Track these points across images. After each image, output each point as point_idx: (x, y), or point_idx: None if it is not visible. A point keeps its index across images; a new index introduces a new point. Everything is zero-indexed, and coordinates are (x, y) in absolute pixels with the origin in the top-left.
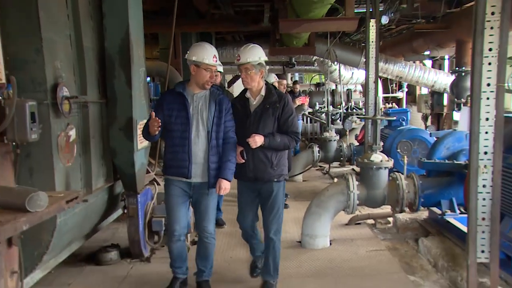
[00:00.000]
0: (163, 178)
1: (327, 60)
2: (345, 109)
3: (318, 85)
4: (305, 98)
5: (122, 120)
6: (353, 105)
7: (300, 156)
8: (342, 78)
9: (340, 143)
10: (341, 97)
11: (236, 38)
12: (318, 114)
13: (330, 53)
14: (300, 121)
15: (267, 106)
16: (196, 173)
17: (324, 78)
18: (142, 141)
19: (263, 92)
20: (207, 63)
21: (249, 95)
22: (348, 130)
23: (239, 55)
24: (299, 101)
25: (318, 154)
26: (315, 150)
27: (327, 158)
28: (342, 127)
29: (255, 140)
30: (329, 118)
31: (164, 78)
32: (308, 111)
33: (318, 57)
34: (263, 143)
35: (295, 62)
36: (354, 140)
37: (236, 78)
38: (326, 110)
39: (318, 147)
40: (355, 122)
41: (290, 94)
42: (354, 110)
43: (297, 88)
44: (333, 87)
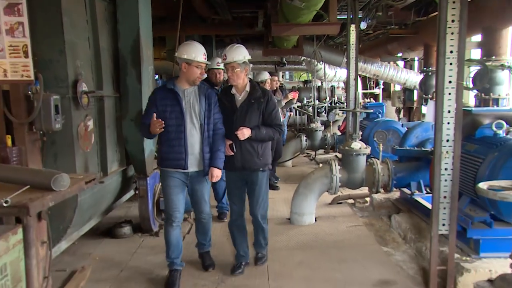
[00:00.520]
0: (160, 170)
1: (313, 60)
2: (329, 103)
3: (306, 82)
4: (295, 93)
5: (133, 112)
6: (336, 100)
7: (289, 144)
8: (327, 76)
9: (325, 133)
10: (325, 92)
11: (233, 40)
12: (306, 107)
13: (316, 54)
14: (288, 113)
15: (252, 101)
16: (192, 164)
17: (311, 76)
18: None
19: (247, 88)
20: (198, 61)
21: (235, 91)
22: (331, 122)
23: (225, 54)
24: (291, 95)
25: (306, 143)
26: (303, 139)
27: (314, 146)
28: (327, 119)
29: (243, 133)
30: (315, 111)
31: (170, 76)
32: (297, 104)
33: (305, 57)
34: (250, 135)
35: (285, 61)
36: (337, 130)
37: None
38: (312, 104)
39: (306, 136)
40: (338, 115)
41: (280, 89)
42: (337, 104)
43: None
44: (319, 84)
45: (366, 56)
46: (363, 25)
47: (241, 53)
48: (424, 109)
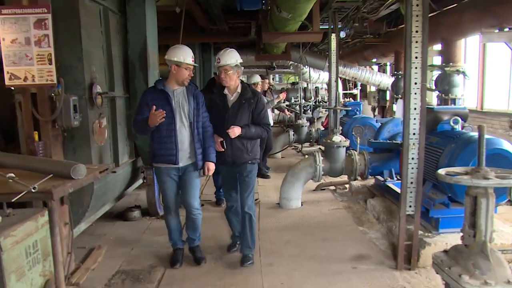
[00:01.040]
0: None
1: (300, 64)
2: (314, 102)
3: (293, 83)
4: (284, 94)
5: None
6: (320, 99)
7: (279, 139)
8: (312, 78)
9: (310, 128)
10: (311, 93)
11: (230, 47)
12: (293, 106)
13: (302, 59)
14: (288, 113)
15: (243, 102)
16: (182, 159)
17: (298, 78)
18: None
19: (239, 90)
20: (187, 63)
21: (227, 92)
22: (316, 118)
23: (219, 58)
24: (282, 95)
25: (293, 137)
26: (291, 134)
27: (300, 139)
28: (312, 116)
29: (233, 131)
30: (301, 109)
31: None
32: (286, 103)
33: (293, 62)
34: (241, 133)
35: (275, 65)
36: (321, 126)
37: None
38: (299, 103)
39: (293, 131)
40: (321, 112)
41: (270, 90)
42: (320, 103)
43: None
44: (305, 85)
45: (346, 61)
46: (343, 34)
47: (233, 57)
48: (395, 107)
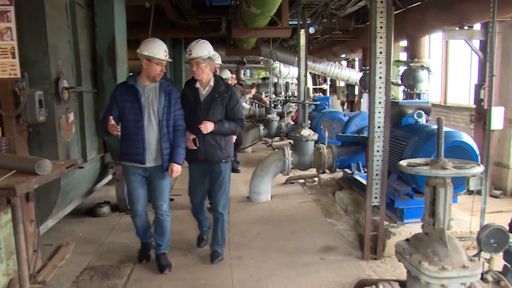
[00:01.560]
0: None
1: (270, 59)
2: (284, 97)
3: (264, 79)
4: (254, 89)
5: None
6: (290, 94)
7: (249, 133)
8: (282, 74)
9: (280, 123)
10: (281, 88)
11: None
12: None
13: (272, 54)
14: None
15: (216, 96)
16: (150, 159)
17: (268, 73)
18: None
19: (212, 83)
20: (158, 58)
21: (199, 85)
22: (286, 113)
23: (190, 49)
24: (253, 90)
25: (263, 131)
26: (261, 128)
27: (270, 134)
28: (282, 111)
29: (206, 127)
30: (271, 103)
31: None
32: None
33: (263, 57)
34: (213, 129)
35: (246, 61)
36: (291, 120)
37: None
38: (269, 98)
39: (263, 126)
40: (291, 107)
41: (240, 85)
42: (290, 98)
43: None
44: (275, 80)
45: (315, 56)
46: (312, 30)
47: (205, 48)
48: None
